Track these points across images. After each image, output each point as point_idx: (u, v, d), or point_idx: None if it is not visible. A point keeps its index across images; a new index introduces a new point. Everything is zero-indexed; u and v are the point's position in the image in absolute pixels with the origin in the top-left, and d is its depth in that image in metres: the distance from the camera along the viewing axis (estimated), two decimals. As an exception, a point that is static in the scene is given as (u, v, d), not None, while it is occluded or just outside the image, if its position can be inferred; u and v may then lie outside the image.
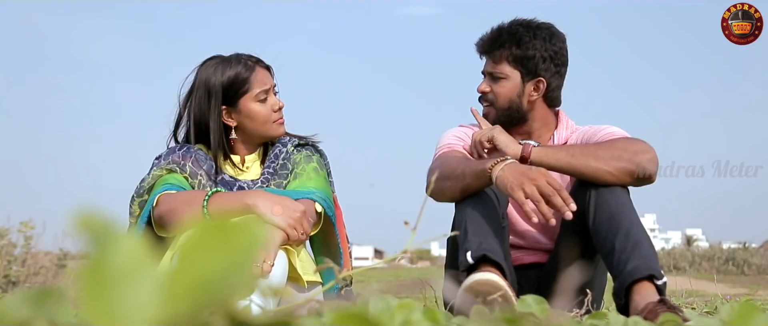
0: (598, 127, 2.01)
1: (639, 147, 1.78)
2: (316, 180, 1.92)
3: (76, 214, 0.39)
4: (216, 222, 0.40)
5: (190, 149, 1.94)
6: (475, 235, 1.69)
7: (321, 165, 1.99)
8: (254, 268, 1.50)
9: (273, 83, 1.96)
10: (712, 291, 4.86)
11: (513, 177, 1.65)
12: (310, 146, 2.04)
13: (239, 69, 1.94)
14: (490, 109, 2.04)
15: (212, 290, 0.38)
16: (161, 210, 1.78)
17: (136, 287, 0.38)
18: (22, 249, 6.34)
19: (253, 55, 1.99)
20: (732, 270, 19.81)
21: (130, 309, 0.38)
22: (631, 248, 1.64)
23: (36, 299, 0.46)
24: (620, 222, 1.68)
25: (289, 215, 1.70)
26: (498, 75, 2.02)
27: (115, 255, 0.38)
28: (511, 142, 1.86)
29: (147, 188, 1.88)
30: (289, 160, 1.97)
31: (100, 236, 0.39)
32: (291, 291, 1.76)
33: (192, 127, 1.95)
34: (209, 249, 0.39)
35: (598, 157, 1.75)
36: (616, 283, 1.65)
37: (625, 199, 1.74)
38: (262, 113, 1.94)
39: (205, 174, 1.90)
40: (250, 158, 2.01)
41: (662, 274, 1.62)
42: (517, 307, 0.95)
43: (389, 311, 0.79)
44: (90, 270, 0.38)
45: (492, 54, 2.02)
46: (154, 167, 1.93)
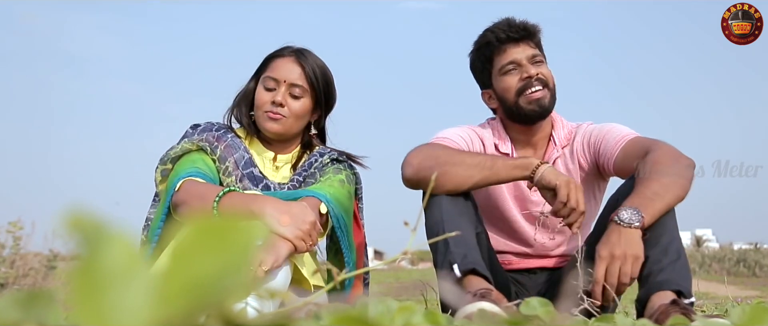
0: (603, 128, 1.99)
1: (681, 159, 1.75)
2: (336, 189, 1.86)
3: (67, 214, 0.38)
4: (212, 222, 0.39)
5: (227, 133, 1.93)
6: (457, 247, 1.68)
7: (349, 180, 1.94)
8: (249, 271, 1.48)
9: (293, 81, 1.91)
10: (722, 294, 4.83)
11: (560, 177, 1.70)
12: (346, 163, 2.00)
13: (279, 50, 1.97)
14: (545, 92, 1.97)
15: (207, 292, 0.37)
16: (178, 198, 1.76)
17: (128, 289, 0.37)
18: (11, 250, 6.25)
19: (305, 49, 1.98)
20: (743, 272, 19.70)
21: (123, 311, 0.37)
22: (666, 262, 1.62)
23: (25, 301, 0.45)
24: (662, 235, 1.66)
25: (297, 226, 1.64)
26: (539, 59, 1.99)
27: (107, 256, 0.37)
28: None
29: (172, 157, 1.85)
30: (320, 170, 1.93)
31: (92, 236, 0.38)
32: (290, 294, 1.74)
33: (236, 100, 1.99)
34: (204, 249, 0.38)
35: (675, 185, 1.69)
36: (641, 291, 1.63)
37: (671, 214, 1.71)
38: (260, 98, 1.93)
39: (234, 162, 1.87)
40: (283, 158, 1.98)
41: (692, 294, 1.60)
42: (522, 310, 0.94)
43: (389, 314, 0.78)
44: (81, 272, 0.37)
45: (531, 38, 2.00)
46: (186, 137, 1.91)
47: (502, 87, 2.00)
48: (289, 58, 1.94)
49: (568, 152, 2.04)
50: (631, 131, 1.93)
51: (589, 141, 2.00)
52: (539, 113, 1.97)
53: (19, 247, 6.28)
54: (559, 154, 2.03)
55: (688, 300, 1.57)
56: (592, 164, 2.01)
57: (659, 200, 1.65)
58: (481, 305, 1.50)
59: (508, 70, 1.98)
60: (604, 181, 2.08)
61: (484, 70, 2.05)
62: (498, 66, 2.00)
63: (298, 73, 1.92)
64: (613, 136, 1.93)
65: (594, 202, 2.08)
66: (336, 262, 1.95)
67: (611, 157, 1.91)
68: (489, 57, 2.02)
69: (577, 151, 2.02)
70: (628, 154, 1.86)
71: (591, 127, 2.04)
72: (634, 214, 1.61)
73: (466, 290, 1.60)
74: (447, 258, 1.68)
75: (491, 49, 2.01)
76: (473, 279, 1.64)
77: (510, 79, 1.98)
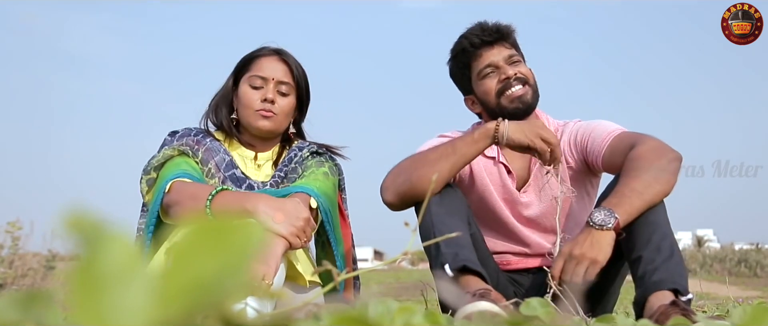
0: (589, 124, 2.00)
1: (665, 153, 1.74)
2: (322, 181, 1.87)
3: (66, 214, 0.38)
4: (211, 223, 0.39)
5: (206, 137, 1.92)
6: (447, 247, 1.69)
7: (332, 172, 1.95)
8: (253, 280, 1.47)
9: (280, 78, 1.92)
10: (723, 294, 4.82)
11: (525, 132, 1.74)
12: (327, 155, 2.00)
13: (258, 50, 1.96)
14: (526, 89, 2.00)
15: (206, 293, 0.37)
16: (170, 199, 1.75)
17: (127, 289, 0.37)
18: (10, 251, 6.21)
19: (282, 48, 1.98)
20: (744, 272, 19.64)
21: (122, 312, 0.36)
22: (660, 261, 1.61)
23: (24, 302, 0.45)
24: (653, 232, 1.65)
25: (291, 222, 1.64)
26: (517, 58, 2.02)
27: (106, 256, 0.37)
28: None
29: (155, 165, 1.85)
30: (301, 164, 1.93)
31: (91, 236, 0.38)
32: (289, 294, 1.73)
33: (213, 104, 1.98)
34: (204, 250, 0.38)
35: (656, 181, 1.68)
36: (638, 292, 1.63)
37: (661, 210, 1.70)
38: (248, 97, 1.91)
39: (215, 164, 1.87)
40: (264, 156, 1.97)
41: (688, 291, 1.60)
42: (522, 310, 0.94)
43: (389, 314, 0.77)
44: (80, 272, 0.37)
45: (505, 40, 2.02)
46: (166, 145, 1.91)
47: (483, 90, 2.03)
48: (272, 56, 1.95)
49: None
50: (618, 127, 1.93)
51: (576, 139, 2.01)
52: (523, 110, 1.99)
53: (17, 247, 6.24)
54: None
55: (686, 298, 1.57)
56: (580, 161, 2.01)
57: (638, 198, 1.65)
58: (480, 305, 1.50)
59: (487, 74, 2.01)
60: (595, 177, 2.09)
61: (464, 77, 2.08)
62: (476, 71, 2.03)
63: (284, 71, 1.94)
64: (599, 133, 1.93)
65: (587, 198, 2.08)
66: (323, 255, 1.96)
67: (599, 153, 1.92)
68: (466, 63, 2.05)
69: (564, 150, 2.03)
70: (615, 150, 1.87)
71: (578, 124, 2.04)
72: (607, 216, 1.61)
73: (464, 290, 1.60)
74: (439, 260, 1.69)
75: (467, 55, 2.04)
76: (470, 279, 1.64)
77: (489, 82, 2.01)
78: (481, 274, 1.65)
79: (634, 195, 1.65)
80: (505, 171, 2.05)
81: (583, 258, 1.59)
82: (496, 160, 2.06)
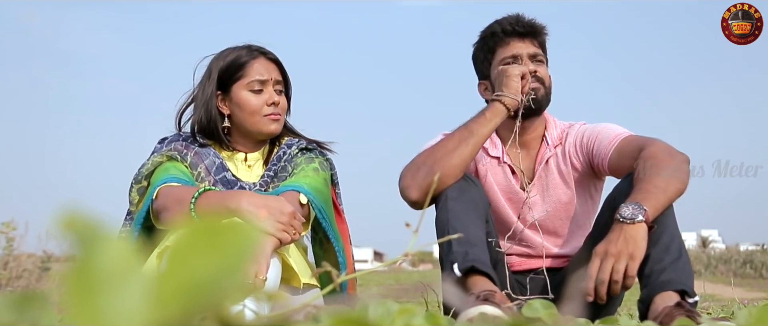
0: (596, 127, 2.00)
1: (676, 155, 1.75)
2: (312, 178, 1.85)
3: (61, 214, 0.37)
4: (206, 224, 0.38)
5: (194, 142, 1.91)
6: (459, 245, 1.67)
7: (323, 167, 1.93)
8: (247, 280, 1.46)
9: (276, 78, 1.91)
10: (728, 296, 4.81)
11: (513, 80, 1.85)
12: (317, 150, 1.98)
13: (240, 53, 1.90)
14: (540, 87, 1.97)
15: (203, 294, 0.36)
16: (158, 204, 1.75)
17: (123, 291, 0.36)
18: (4, 251, 6.18)
19: (263, 47, 1.94)
20: (749, 274, 19.55)
21: (118, 313, 0.36)
22: (668, 261, 1.61)
23: (19, 303, 0.44)
24: (662, 232, 1.64)
25: (276, 218, 1.62)
26: (541, 58, 2.01)
27: (102, 257, 0.37)
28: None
29: (145, 174, 1.84)
30: (290, 162, 1.91)
31: (86, 237, 0.37)
32: (287, 296, 1.73)
33: (194, 112, 1.93)
34: (200, 251, 0.37)
35: (675, 179, 1.68)
36: (644, 291, 1.62)
37: (670, 211, 1.70)
38: (252, 104, 1.88)
39: (205, 168, 1.86)
40: (253, 157, 1.95)
41: (695, 293, 1.59)
42: (524, 312, 0.93)
43: (389, 316, 0.77)
44: (75, 273, 0.36)
45: (535, 37, 2.01)
46: (154, 152, 1.90)
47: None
48: (262, 57, 1.92)
49: (560, 152, 2.04)
50: (624, 130, 1.93)
51: (582, 141, 2.00)
52: (532, 106, 1.95)
53: (12, 248, 6.21)
54: (552, 153, 2.04)
55: (692, 299, 1.56)
56: (585, 164, 2.01)
57: (662, 194, 1.64)
58: (483, 308, 1.49)
59: (508, 63, 1.98)
60: (600, 181, 2.08)
61: (485, 61, 2.05)
62: (499, 57, 2.01)
63: (276, 70, 1.93)
64: (606, 136, 1.93)
65: (591, 202, 2.08)
66: (322, 253, 1.94)
67: (605, 156, 1.91)
68: (492, 48, 2.03)
69: (569, 152, 2.02)
70: (622, 153, 1.86)
71: (583, 127, 2.04)
72: (636, 209, 1.59)
73: (470, 291, 1.60)
74: (449, 258, 1.68)
75: (495, 40, 2.02)
76: (477, 280, 1.63)
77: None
78: (490, 275, 1.64)
79: (657, 191, 1.64)
80: (510, 172, 2.05)
81: (620, 255, 1.56)
82: (500, 160, 2.05)
